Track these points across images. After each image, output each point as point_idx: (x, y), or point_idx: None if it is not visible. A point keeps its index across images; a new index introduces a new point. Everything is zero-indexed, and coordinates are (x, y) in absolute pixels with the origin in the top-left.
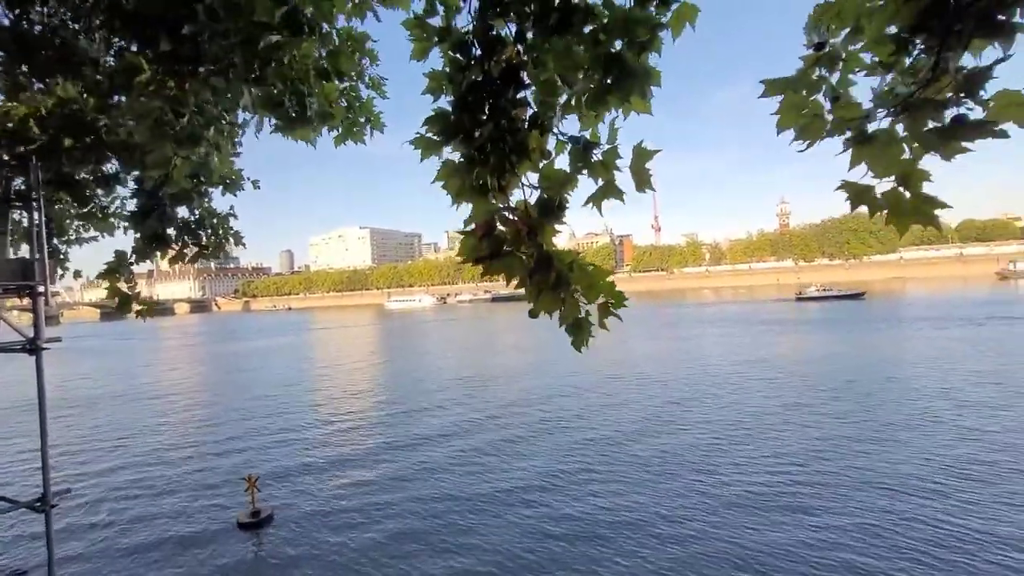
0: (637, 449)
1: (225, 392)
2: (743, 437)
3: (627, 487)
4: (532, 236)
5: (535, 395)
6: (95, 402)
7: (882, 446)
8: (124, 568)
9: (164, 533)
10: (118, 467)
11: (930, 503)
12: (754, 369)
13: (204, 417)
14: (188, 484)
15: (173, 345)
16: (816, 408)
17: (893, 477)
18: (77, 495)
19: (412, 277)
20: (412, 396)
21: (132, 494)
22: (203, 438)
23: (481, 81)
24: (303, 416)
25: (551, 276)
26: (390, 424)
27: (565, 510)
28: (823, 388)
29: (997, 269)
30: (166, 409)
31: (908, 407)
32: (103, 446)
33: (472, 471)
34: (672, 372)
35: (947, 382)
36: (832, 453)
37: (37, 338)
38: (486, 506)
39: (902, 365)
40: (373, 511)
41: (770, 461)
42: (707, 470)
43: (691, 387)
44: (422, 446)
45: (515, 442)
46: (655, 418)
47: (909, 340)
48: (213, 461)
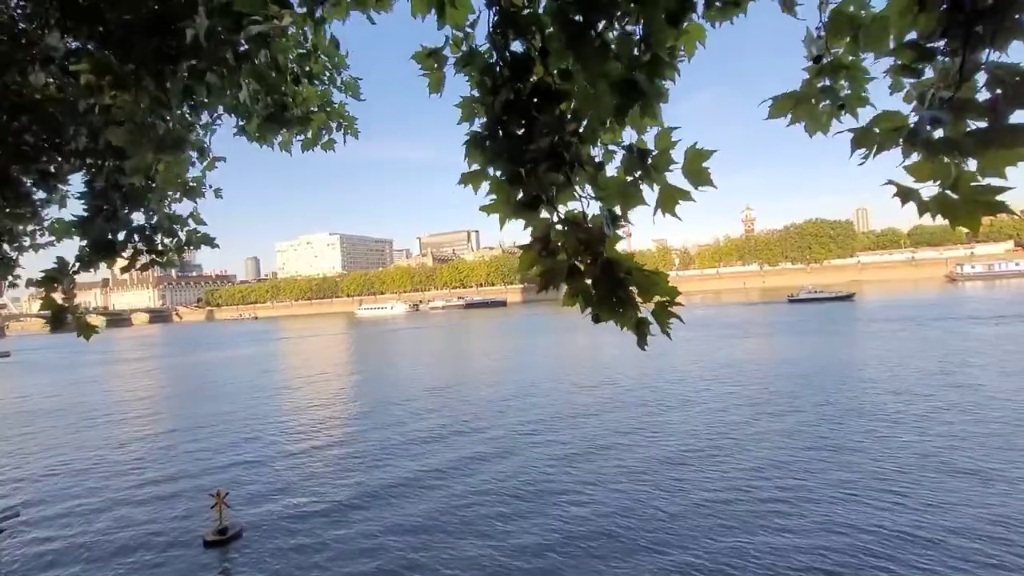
0: (611, 456)
1: (187, 406)
2: (741, 439)
3: (603, 496)
4: (590, 246)
5: (507, 404)
6: (44, 418)
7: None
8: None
9: (123, 555)
10: (72, 486)
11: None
12: (767, 377)
13: (164, 432)
14: (148, 502)
15: (130, 358)
16: (824, 411)
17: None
18: (27, 517)
19: (383, 284)
20: (383, 407)
21: (88, 513)
22: (164, 453)
23: (514, 100)
24: (270, 430)
25: (613, 283)
26: (360, 437)
27: (536, 520)
28: (834, 391)
29: (946, 272)
30: (123, 424)
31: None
32: (55, 464)
33: (442, 485)
34: (672, 379)
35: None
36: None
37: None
38: (457, 521)
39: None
40: (346, 527)
41: (769, 464)
42: (680, 476)
43: (687, 393)
44: (393, 460)
45: (487, 455)
46: (631, 425)
47: (924, 339)
48: (175, 477)
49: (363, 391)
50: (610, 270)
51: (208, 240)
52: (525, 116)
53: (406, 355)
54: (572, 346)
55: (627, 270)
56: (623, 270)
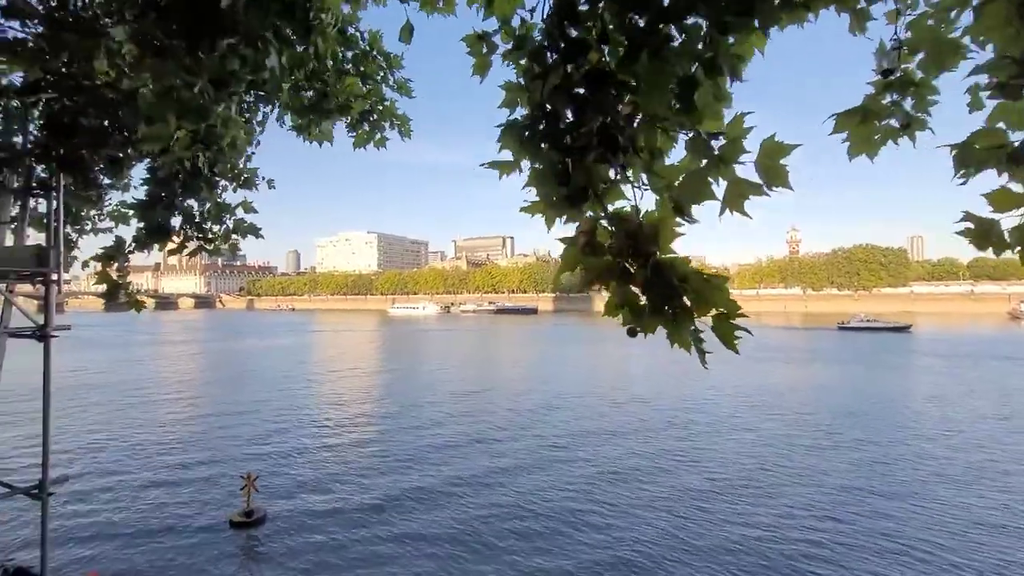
0: (634, 480)
1: (226, 390)
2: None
3: (622, 523)
4: (641, 244)
5: (533, 415)
6: (96, 392)
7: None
8: (113, 558)
9: (155, 526)
10: (116, 458)
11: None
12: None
13: (203, 414)
14: (183, 478)
15: (175, 340)
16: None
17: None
18: (74, 483)
19: (417, 284)
20: (410, 408)
21: (127, 485)
22: (201, 434)
23: (563, 84)
24: (301, 420)
25: (666, 290)
26: (386, 436)
27: (548, 539)
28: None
29: (1008, 308)
30: (166, 403)
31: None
32: (102, 436)
33: (461, 493)
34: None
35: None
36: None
37: (47, 325)
38: (471, 531)
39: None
40: (365, 524)
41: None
42: (705, 507)
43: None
44: (416, 462)
45: (509, 468)
46: (657, 448)
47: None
48: (209, 457)
49: (393, 390)
50: (662, 274)
51: (254, 230)
52: (575, 99)
53: (436, 356)
54: (601, 359)
55: (683, 275)
56: (678, 275)
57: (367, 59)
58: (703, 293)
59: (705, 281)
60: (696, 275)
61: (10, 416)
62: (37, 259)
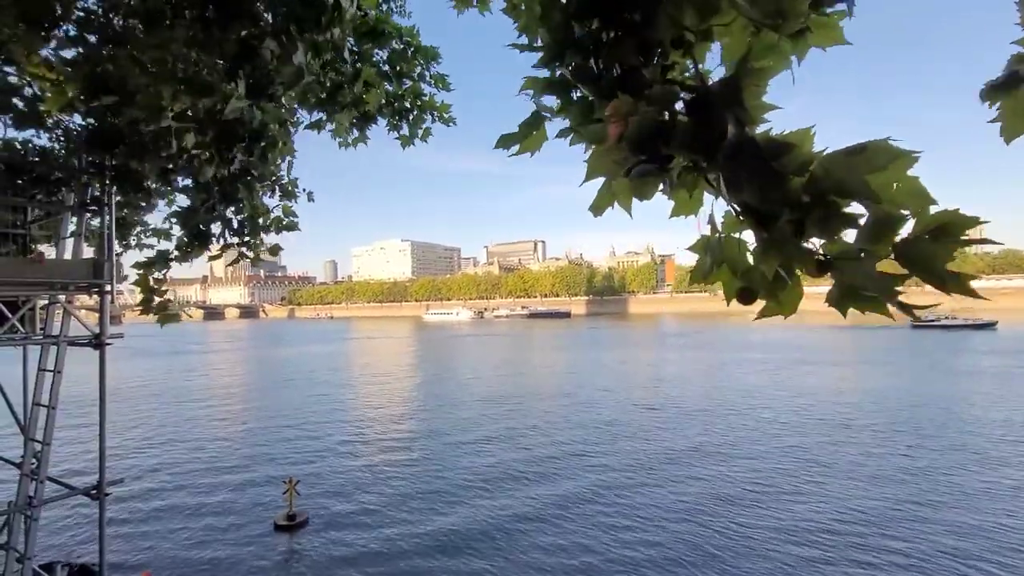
0: (667, 488)
1: (268, 397)
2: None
3: (653, 535)
4: (715, 116)
5: (566, 420)
6: (148, 398)
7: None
8: (164, 558)
9: (203, 528)
10: (166, 461)
11: None
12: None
13: (249, 418)
14: (231, 481)
15: (222, 348)
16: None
17: None
18: (127, 485)
19: (450, 290)
20: (445, 413)
21: (178, 487)
22: (247, 438)
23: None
24: (340, 425)
25: (768, 189)
26: (421, 442)
27: (596, 525)
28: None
29: None
30: (214, 409)
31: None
32: (155, 440)
33: (504, 483)
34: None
35: None
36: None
37: (102, 334)
38: (520, 517)
39: None
40: (401, 526)
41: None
42: (738, 518)
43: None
44: (449, 468)
45: (543, 474)
46: (691, 456)
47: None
48: (253, 460)
49: (429, 395)
50: (757, 155)
51: (291, 225)
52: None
53: (470, 362)
54: (635, 364)
55: (804, 162)
56: (797, 162)
57: (403, 57)
58: (853, 181)
59: (855, 155)
60: (834, 156)
61: (71, 421)
62: (93, 271)
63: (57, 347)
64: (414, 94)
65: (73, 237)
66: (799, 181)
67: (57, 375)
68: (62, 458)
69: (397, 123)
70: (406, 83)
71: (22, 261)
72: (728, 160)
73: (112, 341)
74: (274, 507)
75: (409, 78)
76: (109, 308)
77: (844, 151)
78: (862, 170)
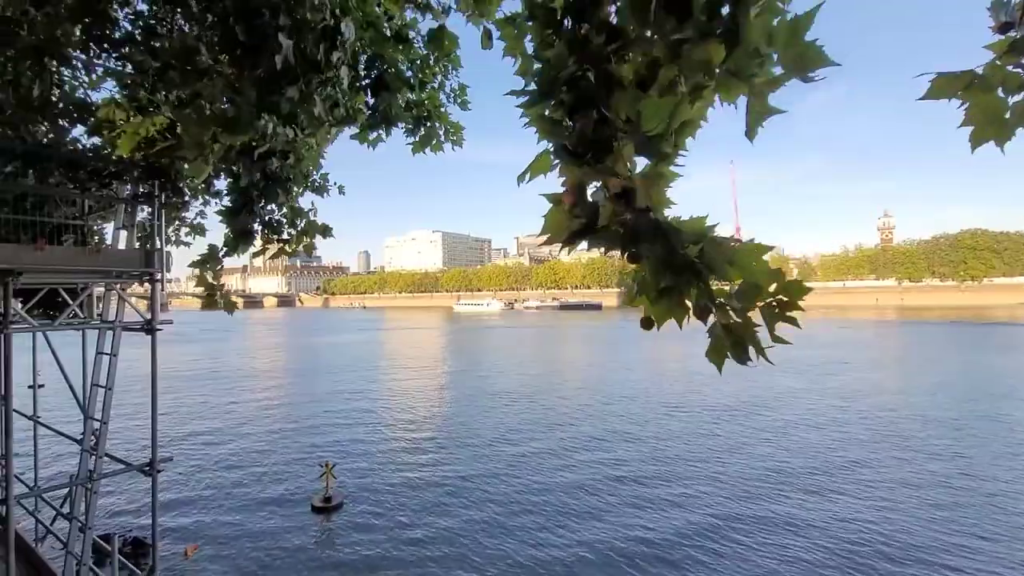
0: (692, 496)
1: (305, 383)
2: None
3: (681, 551)
4: (630, 199)
5: (593, 417)
6: (193, 382)
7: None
8: (210, 535)
9: (244, 506)
10: (209, 442)
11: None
12: None
13: (288, 403)
14: (270, 462)
15: (261, 336)
16: None
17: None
18: (178, 462)
19: (481, 281)
20: (475, 404)
21: (223, 466)
22: (286, 422)
23: (573, 42)
24: (374, 412)
25: (664, 258)
26: (453, 430)
27: (627, 512)
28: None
29: None
30: (253, 392)
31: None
32: (201, 421)
33: (535, 468)
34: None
35: None
36: None
37: (153, 319)
38: (549, 500)
39: None
40: (433, 512)
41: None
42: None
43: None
44: (487, 446)
45: (579, 449)
46: (722, 462)
47: None
48: (293, 444)
49: (461, 383)
50: (656, 235)
51: (325, 230)
52: (578, 54)
53: (500, 354)
54: (668, 364)
55: (695, 241)
56: (687, 238)
57: (424, 66)
58: (721, 261)
59: (730, 249)
60: (715, 243)
61: (126, 401)
62: (144, 261)
63: (113, 332)
64: (433, 104)
65: (124, 229)
66: (694, 249)
67: (113, 358)
68: (120, 437)
69: (413, 128)
70: (426, 91)
71: (81, 250)
72: (643, 232)
73: (162, 327)
74: (311, 488)
75: (431, 85)
76: (159, 295)
77: (721, 240)
78: (726, 256)
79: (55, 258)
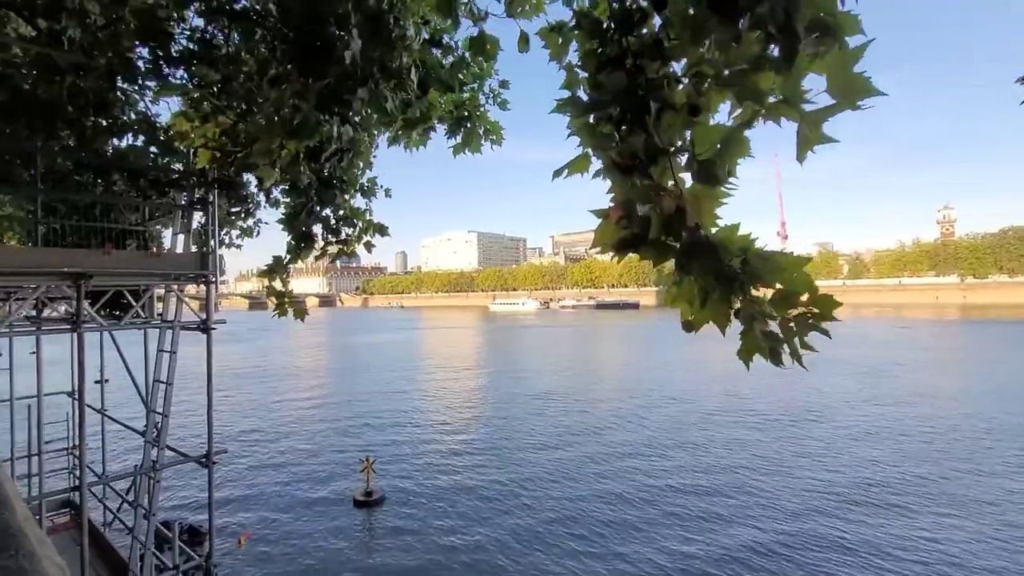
0: (732, 506)
1: (347, 381)
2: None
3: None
4: (682, 216)
5: (629, 421)
6: (241, 379)
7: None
8: (259, 525)
9: (291, 499)
10: (257, 437)
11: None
12: None
13: (330, 400)
14: (314, 457)
15: (304, 335)
16: None
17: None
18: (229, 456)
19: (516, 281)
20: (511, 404)
21: (270, 460)
22: (328, 418)
23: (617, 55)
24: (413, 409)
25: (713, 270)
26: (494, 422)
27: (665, 516)
28: None
29: None
30: (297, 390)
31: None
32: (251, 415)
33: (573, 468)
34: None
35: None
36: None
37: (208, 319)
38: (585, 498)
39: None
40: (474, 506)
41: None
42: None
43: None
44: (525, 447)
45: (617, 455)
46: (761, 470)
47: None
48: (336, 440)
49: (495, 386)
50: (706, 249)
51: (382, 228)
52: (625, 69)
53: (536, 354)
54: (709, 365)
55: (740, 254)
56: (732, 252)
57: (463, 67)
58: (761, 272)
59: (773, 261)
60: (759, 255)
61: (182, 397)
62: (200, 263)
63: (172, 331)
64: (473, 104)
65: (182, 233)
66: (737, 261)
67: (173, 355)
68: (179, 430)
69: (455, 129)
70: (466, 91)
71: (143, 254)
72: (689, 246)
73: (217, 326)
74: (352, 483)
75: (469, 87)
76: (213, 296)
77: (764, 253)
78: (769, 268)
79: (121, 261)
